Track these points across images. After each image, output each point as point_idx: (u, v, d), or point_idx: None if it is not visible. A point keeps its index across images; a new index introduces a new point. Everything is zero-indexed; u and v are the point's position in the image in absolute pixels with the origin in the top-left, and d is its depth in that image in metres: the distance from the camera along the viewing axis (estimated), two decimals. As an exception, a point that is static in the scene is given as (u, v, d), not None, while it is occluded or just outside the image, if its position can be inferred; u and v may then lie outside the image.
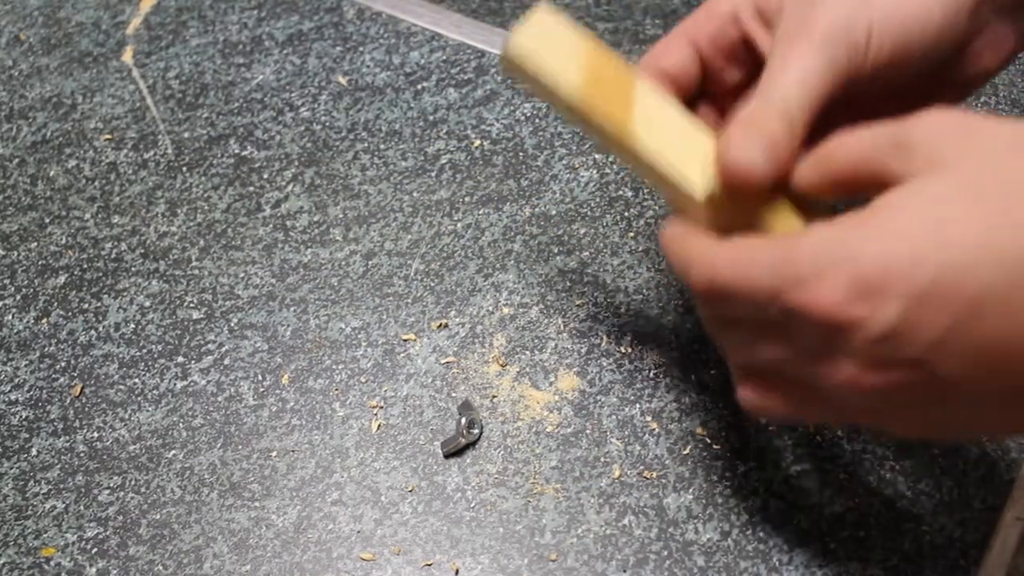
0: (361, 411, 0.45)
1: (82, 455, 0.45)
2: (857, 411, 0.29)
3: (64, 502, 0.43)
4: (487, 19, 0.61)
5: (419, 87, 0.58)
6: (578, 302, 0.48)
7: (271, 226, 0.52)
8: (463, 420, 0.43)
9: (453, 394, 0.45)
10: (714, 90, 0.38)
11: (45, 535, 0.43)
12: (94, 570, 0.41)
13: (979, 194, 0.25)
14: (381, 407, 0.45)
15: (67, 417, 0.46)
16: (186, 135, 0.57)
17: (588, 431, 0.44)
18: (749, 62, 0.36)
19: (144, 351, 0.48)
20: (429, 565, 0.41)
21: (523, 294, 0.48)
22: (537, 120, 0.55)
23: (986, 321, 0.24)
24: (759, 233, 0.31)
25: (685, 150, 0.32)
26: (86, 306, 0.50)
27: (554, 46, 0.32)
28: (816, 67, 0.31)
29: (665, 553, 0.40)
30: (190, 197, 0.54)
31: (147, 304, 0.50)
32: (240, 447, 0.44)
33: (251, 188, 0.54)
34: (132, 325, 0.49)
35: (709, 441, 0.43)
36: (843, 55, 0.31)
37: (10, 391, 0.47)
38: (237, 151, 0.56)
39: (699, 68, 0.37)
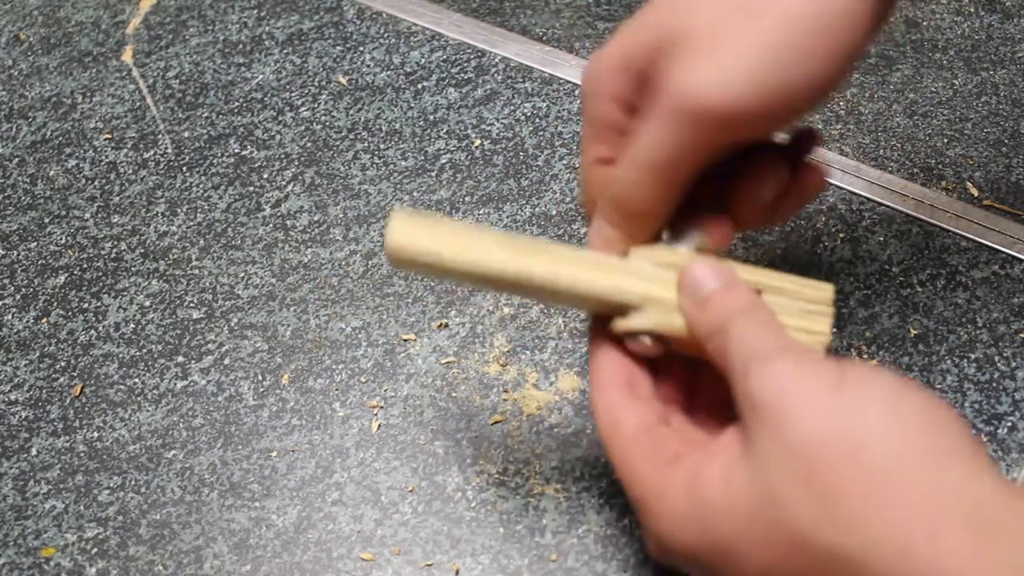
0: (361, 411, 0.45)
1: (82, 455, 0.45)
2: None
3: (64, 502, 0.43)
4: (488, 18, 0.61)
5: (419, 87, 0.58)
6: (578, 302, 0.48)
7: (271, 226, 0.52)
8: None
9: (453, 394, 0.45)
10: None
11: (45, 535, 0.43)
12: (94, 570, 0.41)
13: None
14: (381, 407, 0.45)
15: (67, 417, 0.46)
16: (186, 135, 0.57)
17: (588, 431, 0.44)
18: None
19: (144, 351, 0.48)
20: (429, 565, 0.41)
21: (523, 294, 0.48)
22: (537, 120, 0.55)
23: None
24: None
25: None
26: (86, 306, 0.50)
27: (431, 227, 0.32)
28: (672, 141, 0.31)
29: (665, 553, 0.40)
30: (190, 197, 0.54)
31: (147, 304, 0.50)
32: (240, 447, 0.44)
33: (251, 188, 0.54)
34: (132, 325, 0.49)
35: (709, 441, 0.43)
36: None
37: (10, 391, 0.47)
38: (237, 151, 0.56)
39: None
